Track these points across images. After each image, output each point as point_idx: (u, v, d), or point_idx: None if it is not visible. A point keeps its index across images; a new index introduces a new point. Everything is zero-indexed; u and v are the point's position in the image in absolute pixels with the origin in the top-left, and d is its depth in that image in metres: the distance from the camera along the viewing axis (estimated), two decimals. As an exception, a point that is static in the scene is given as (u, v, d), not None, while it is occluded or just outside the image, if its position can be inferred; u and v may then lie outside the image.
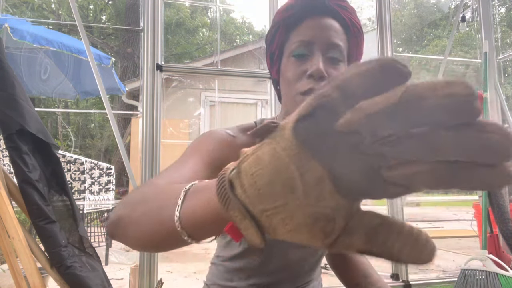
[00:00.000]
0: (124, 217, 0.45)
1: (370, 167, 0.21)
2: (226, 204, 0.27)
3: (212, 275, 0.78)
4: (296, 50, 0.65)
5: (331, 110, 0.21)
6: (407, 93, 0.19)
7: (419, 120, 0.19)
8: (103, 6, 12.64)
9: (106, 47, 10.28)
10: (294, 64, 0.65)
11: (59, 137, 8.48)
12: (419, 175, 0.20)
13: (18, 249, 1.07)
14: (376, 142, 0.20)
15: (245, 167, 0.25)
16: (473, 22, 7.20)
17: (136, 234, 0.42)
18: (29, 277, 1.06)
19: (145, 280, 1.89)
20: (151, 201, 0.43)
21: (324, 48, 0.64)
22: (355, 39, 0.68)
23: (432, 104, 0.18)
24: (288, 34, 0.68)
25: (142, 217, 0.41)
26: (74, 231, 1.23)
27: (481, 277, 1.76)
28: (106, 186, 3.44)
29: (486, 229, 1.99)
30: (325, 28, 0.64)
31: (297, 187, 0.23)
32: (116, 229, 0.47)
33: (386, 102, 0.19)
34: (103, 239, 3.44)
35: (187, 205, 0.34)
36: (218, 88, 6.69)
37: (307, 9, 0.66)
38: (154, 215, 0.39)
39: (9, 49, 3.48)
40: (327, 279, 2.61)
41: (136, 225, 0.42)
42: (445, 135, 0.19)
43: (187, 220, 0.33)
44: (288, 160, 0.23)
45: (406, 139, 0.19)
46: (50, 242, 1.11)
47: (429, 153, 0.19)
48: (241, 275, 0.72)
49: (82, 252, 1.22)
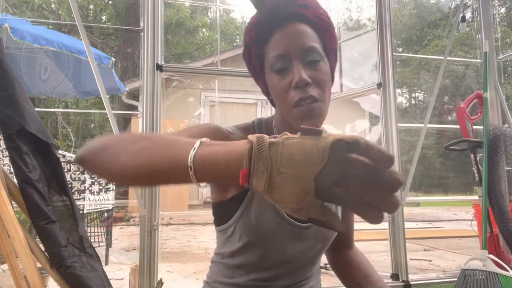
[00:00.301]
0: (115, 146, 0.51)
1: (332, 184, 0.38)
2: (258, 156, 0.39)
3: (212, 273, 0.78)
4: (275, 66, 0.66)
5: (349, 152, 0.37)
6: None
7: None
8: (103, 6, 12.63)
9: (106, 47, 10.27)
10: (277, 78, 0.67)
11: (59, 137, 8.48)
12: (347, 201, 0.38)
13: (18, 249, 1.07)
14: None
15: (289, 143, 0.39)
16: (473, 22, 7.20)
17: (128, 162, 0.48)
18: (29, 277, 1.06)
19: (145, 280, 1.89)
20: (155, 138, 0.49)
21: (300, 56, 0.65)
22: (326, 32, 0.69)
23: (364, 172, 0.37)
24: (263, 49, 0.69)
25: (143, 150, 0.48)
26: (74, 231, 1.23)
27: (481, 277, 1.76)
28: (106, 186, 3.44)
29: (486, 229, 1.99)
30: (295, 35, 0.65)
31: (315, 168, 0.37)
32: (98, 155, 0.52)
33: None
34: (103, 239, 3.44)
35: (203, 149, 0.43)
36: (218, 88, 6.69)
37: (272, 22, 0.66)
38: (159, 151, 0.46)
39: (9, 49, 3.48)
40: (327, 279, 2.61)
41: (132, 155, 0.48)
42: (366, 187, 0.37)
43: (201, 160, 0.42)
44: (321, 153, 0.38)
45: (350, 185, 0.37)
46: (50, 242, 1.11)
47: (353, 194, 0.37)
48: (241, 271, 0.72)
49: (82, 252, 1.22)
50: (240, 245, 0.70)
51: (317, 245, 0.74)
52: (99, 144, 0.53)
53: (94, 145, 0.54)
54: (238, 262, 0.72)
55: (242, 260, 0.72)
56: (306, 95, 0.64)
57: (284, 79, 0.66)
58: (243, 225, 0.69)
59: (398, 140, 2.30)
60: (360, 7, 14.25)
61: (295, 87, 0.64)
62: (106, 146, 0.52)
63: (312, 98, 0.64)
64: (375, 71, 2.62)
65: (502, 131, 2.13)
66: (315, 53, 0.66)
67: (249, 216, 0.68)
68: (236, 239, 0.71)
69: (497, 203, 2.05)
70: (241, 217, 0.69)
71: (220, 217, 0.75)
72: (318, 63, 0.66)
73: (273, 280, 0.72)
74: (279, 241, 0.70)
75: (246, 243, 0.69)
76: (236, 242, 0.71)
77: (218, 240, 0.78)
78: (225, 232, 0.73)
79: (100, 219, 3.63)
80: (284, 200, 0.39)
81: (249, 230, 0.68)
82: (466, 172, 10.42)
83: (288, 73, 0.65)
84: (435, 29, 15.69)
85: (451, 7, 14.58)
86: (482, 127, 2.19)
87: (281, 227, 0.68)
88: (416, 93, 18.08)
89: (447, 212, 8.42)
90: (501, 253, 2.03)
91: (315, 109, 0.64)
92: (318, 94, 0.65)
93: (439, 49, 13.11)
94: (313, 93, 0.64)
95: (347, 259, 0.90)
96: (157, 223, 1.93)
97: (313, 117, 0.64)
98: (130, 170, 0.48)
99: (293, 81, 0.64)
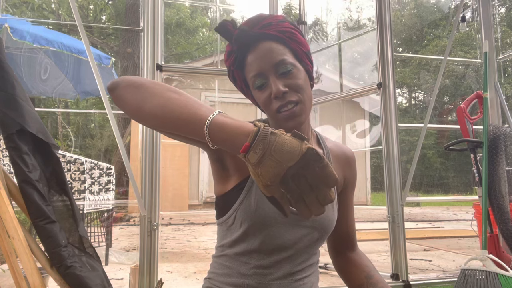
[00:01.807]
0: (149, 87, 0.63)
1: (291, 177, 0.55)
2: (261, 138, 0.54)
3: (214, 268, 0.82)
4: (255, 84, 0.76)
5: (319, 160, 0.53)
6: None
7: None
8: (103, 6, 12.63)
9: (106, 47, 10.28)
10: (259, 93, 0.77)
11: (59, 137, 8.47)
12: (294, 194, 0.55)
13: (18, 249, 1.07)
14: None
15: (283, 137, 0.54)
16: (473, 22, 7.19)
17: (159, 105, 0.61)
18: (29, 277, 1.06)
19: (145, 280, 1.89)
20: (183, 96, 0.62)
21: (274, 70, 0.74)
22: (293, 41, 0.77)
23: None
24: (243, 72, 0.79)
25: (174, 100, 0.61)
26: (74, 231, 1.23)
27: (481, 277, 1.76)
28: (106, 186, 3.44)
29: (486, 229, 1.99)
30: (264, 54, 0.74)
31: (291, 162, 0.53)
32: (132, 90, 0.64)
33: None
34: (103, 239, 3.44)
35: (219, 118, 0.58)
36: (218, 88, 6.69)
37: (242, 48, 0.76)
38: (187, 105, 0.60)
39: (9, 49, 3.48)
40: (327, 279, 2.61)
41: (164, 100, 0.61)
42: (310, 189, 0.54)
43: (215, 124, 0.57)
44: (298, 153, 0.53)
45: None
46: (50, 242, 1.11)
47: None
48: (242, 259, 0.76)
49: (82, 252, 1.22)
50: (241, 232, 0.75)
51: (313, 233, 0.78)
52: (134, 80, 0.65)
53: (129, 79, 0.65)
54: (239, 250, 0.76)
55: (243, 248, 0.76)
56: (285, 101, 0.73)
57: (264, 93, 0.75)
58: (243, 212, 0.75)
59: (398, 140, 2.30)
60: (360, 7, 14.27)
61: (274, 97, 0.74)
62: (141, 85, 0.63)
63: (292, 102, 0.73)
64: (375, 71, 2.62)
65: (502, 131, 2.13)
66: (285, 64, 0.74)
67: (249, 202, 0.74)
68: (237, 227, 0.76)
69: (497, 203, 2.05)
70: (242, 204, 0.75)
71: (222, 208, 0.80)
72: (290, 72, 0.74)
73: (273, 267, 0.75)
74: (277, 226, 0.75)
75: (246, 229, 0.74)
76: (237, 230, 0.76)
77: (219, 233, 0.82)
78: (227, 222, 0.78)
79: (100, 219, 3.63)
80: (263, 175, 0.53)
81: (249, 216, 0.74)
82: (466, 172, 10.41)
83: (267, 87, 0.75)
84: (435, 29, 15.69)
85: (451, 7, 14.59)
86: (482, 127, 2.19)
87: (280, 212, 0.72)
88: (416, 93, 18.08)
89: (447, 212, 8.42)
90: (501, 253, 2.03)
91: (296, 110, 0.73)
92: (297, 97, 0.74)
93: (439, 49, 13.11)
94: (292, 98, 0.73)
95: (350, 261, 0.92)
96: (157, 223, 1.93)
97: (295, 117, 0.74)
98: (160, 112, 0.60)
99: (272, 93, 0.73)
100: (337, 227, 0.87)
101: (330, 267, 2.70)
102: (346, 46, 2.71)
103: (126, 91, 0.64)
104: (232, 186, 0.78)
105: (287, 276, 0.76)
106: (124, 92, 0.64)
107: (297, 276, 0.77)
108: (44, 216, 1.11)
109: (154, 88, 0.63)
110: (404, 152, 11.55)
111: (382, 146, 2.33)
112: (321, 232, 0.79)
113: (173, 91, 0.62)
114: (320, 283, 1.26)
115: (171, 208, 6.73)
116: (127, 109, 0.65)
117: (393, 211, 2.25)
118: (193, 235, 4.99)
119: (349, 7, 15.03)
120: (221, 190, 0.80)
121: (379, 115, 2.38)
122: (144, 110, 0.62)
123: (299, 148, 0.53)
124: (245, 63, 0.77)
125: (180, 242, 4.40)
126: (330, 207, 0.81)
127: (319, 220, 0.78)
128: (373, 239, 4.43)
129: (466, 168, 9.66)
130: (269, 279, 0.75)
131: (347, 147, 0.94)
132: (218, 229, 0.83)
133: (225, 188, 0.79)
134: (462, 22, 2.65)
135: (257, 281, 0.75)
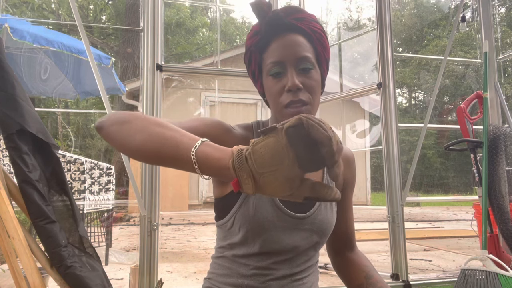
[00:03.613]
0: (133, 124, 0.60)
1: (310, 159, 0.45)
2: (239, 168, 0.47)
3: (214, 269, 0.82)
4: (271, 70, 0.74)
5: (303, 127, 0.44)
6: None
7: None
8: (103, 6, 12.62)
9: (106, 47, 10.28)
10: (272, 82, 0.74)
11: (59, 137, 8.48)
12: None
13: (18, 249, 1.07)
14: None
15: (256, 148, 0.47)
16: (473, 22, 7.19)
17: (142, 143, 0.57)
18: (29, 277, 1.06)
19: (145, 280, 1.89)
20: (167, 128, 0.58)
21: (294, 63, 0.73)
22: (320, 43, 0.76)
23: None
24: (261, 55, 0.77)
25: (157, 136, 0.57)
26: (74, 231, 1.23)
27: (481, 277, 1.76)
28: (106, 186, 3.44)
29: (486, 229, 1.99)
30: (290, 45, 0.73)
31: (284, 161, 0.45)
32: (116, 128, 0.62)
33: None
34: (103, 239, 3.44)
35: (202, 149, 0.52)
36: (218, 88, 6.69)
37: (271, 32, 0.74)
38: (171, 138, 0.55)
39: (9, 49, 3.48)
40: (327, 279, 2.61)
41: (146, 135, 0.57)
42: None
43: (200, 159, 0.52)
44: (282, 146, 0.45)
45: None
46: (50, 242, 1.11)
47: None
48: (242, 261, 0.76)
49: (82, 252, 1.21)
50: (240, 236, 0.75)
51: (313, 237, 0.78)
52: (118, 118, 0.63)
53: (114, 117, 0.64)
54: (239, 253, 0.76)
55: (243, 251, 0.76)
56: (297, 98, 0.71)
57: (278, 82, 0.73)
58: (242, 216, 0.74)
59: (398, 140, 2.30)
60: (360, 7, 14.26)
61: (287, 90, 0.72)
62: (125, 121, 0.62)
63: (302, 101, 0.72)
64: (375, 71, 2.63)
65: (502, 131, 2.13)
66: (308, 62, 0.73)
67: (248, 207, 0.74)
68: (235, 230, 0.76)
69: (497, 203, 2.05)
70: (240, 208, 0.75)
71: (220, 210, 0.80)
72: (309, 71, 0.73)
73: (272, 269, 0.76)
74: (276, 231, 0.74)
75: (245, 233, 0.74)
76: (236, 233, 0.76)
77: (219, 235, 0.83)
78: (226, 225, 0.78)
79: (100, 219, 3.63)
80: (275, 193, 0.47)
81: (248, 220, 0.73)
82: (466, 172, 10.41)
83: (283, 78, 0.73)
84: (435, 29, 15.69)
85: (451, 7, 14.59)
86: (482, 127, 2.19)
87: (278, 216, 0.74)
88: (416, 93, 18.09)
89: (447, 212, 8.42)
90: (501, 253, 2.03)
91: (304, 111, 0.72)
92: (308, 98, 0.72)
93: (439, 49, 13.11)
94: (303, 98, 0.72)
95: (349, 261, 0.92)
96: (157, 223, 1.93)
97: None
98: (143, 150, 0.58)
99: (287, 85, 0.72)
100: (336, 227, 0.87)
101: (330, 267, 2.70)
102: (346, 46, 2.72)
103: (111, 129, 0.63)
104: (231, 189, 0.77)
105: (286, 276, 0.76)
106: (109, 131, 0.63)
107: (297, 276, 0.77)
108: (44, 216, 1.11)
109: (137, 124, 0.60)
110: (404, 152, 11.56)
111: (382, 146, 2.33)
112: (320, 235, 0.79)
113: (156, 125, 0.58)
114: (320, 283, 1.26)
115: (171, 208, 6.73)
116: (114, 146, 0.64)
117: (393, 211, 2.25)
118: (193, 235, 4.99)
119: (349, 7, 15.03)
120: (220, 192, 0.80)
121: (379, 115, 2.38)
122: (128, 148, 0.60)
123: (277, 142, 0.45)
124: (267, 47, 0.75)
125: (180, 242, 4.40)
126: (329, 209, 0.81)
127: (318, 223, 0.78)
128: (373, 239, 4.43)
129: (466, 168, 9.67)
130: (268, 279, 0.75)
131: (347, 147, 0.94)
132: (217, 230, 0.83)
133: (223, 191, 0.79)
134: (462, 22, 2.65)
135: (256, 281, 0.75)
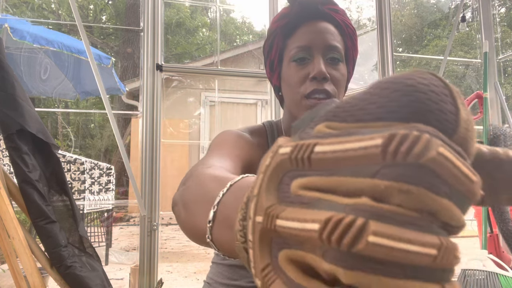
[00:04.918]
0: (190, 204, 0.44)
1: None
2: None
3: (213, 274, 0.80)
4: (296, 55, 0.67)
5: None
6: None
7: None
8: (103, 6, 12.63)
9: (106, 47, 10.28)
10: (295, 68, 0.67)
11: (59, 137, 8.48)
12: None
13: (18, 249, 1.07)
14: None
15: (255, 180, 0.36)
16: (473, 22, 7.20)
17: (187, 226, 0.42)
18: (29, 277, 1.06)
19: (145, 280, 1.89)
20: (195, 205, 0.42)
21: (323, 51, 0.66)
22: (350, 39, 0.71)
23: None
24: (286, 41, 0.70)
25: (190, 217, 0.42)
26: (74, 231, 1.23)
27: (481, 277, 1.76)
28: (106, 186, 3.44)
29: (486, 229, 1.99)
30: (321, 31, 0.66)
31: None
32: (179, 214, 0.47)
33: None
34: (103, 239, 3.44)
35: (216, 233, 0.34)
36: (218, 88, 6.69)
37: (302, 16, 0.68)
38: (193, 220, 0.40)
39: (9, 49, 3.48)
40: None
41: (188, 219, 0.42)
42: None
43: (216, 241, 0.34)
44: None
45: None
46: (50, 242, 1.11)
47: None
48: (241, 272, 0.74)
49: (82, 252, 1.22)
50: None
51: None
52: (179, 198, 0.48)
53: (176, 198, 0.49)
54: (238, 264, 0.73)
55: (241, 261, 0.72)
56: (321, 88, 0.64)
57: (302, 69, 0.66)
58: None
59: (398, 140, 2.30)
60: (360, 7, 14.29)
61: (312, 78, 0.65)
62: (184, 203, 0.46)
63: (326, 93, 0.64)
64: (375, 71, 2.62)
65: (502, 131, 2.13)
66: (337, 52, 0.67)
67: None
68: None
69: (497, 203, 2.05)
70: None
71: None
72: (338, 63, 0.67)
73: None
74: None
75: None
76: None
77: None
78: None
79: (100, 219, 3.63)
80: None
81: None
82: (466, 172, 10.37)
83: (308, 65, 0.66)
84: (435, 29, 15.69)
85: (451, 7, 14.59)
86: (482, 127, 2.19)
87: None
88: (416, 93, 18.07)
89: (447, 212, 8.41)
90: (501, 253, 2.03)
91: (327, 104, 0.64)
92: (333, 91, 0.65)
93: (439, 49, 13.12)
94: (328, 89, 0.65)
95: None
96: (157, 223, 1.93)
97: None
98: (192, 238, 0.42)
99: (312, 73, 0.65)
100: None
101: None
102: (346, 46, 2.69)
103: (179, 217, 0.46)
104: None
105: None
106: (178, 219, 0.47)
107: None
108: (44, 216, 1.12)
109: (193, 203, 0.42)
110: (404, 152, 11.47)
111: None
112: None
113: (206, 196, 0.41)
114: None
115: (171, 208, 6.72)
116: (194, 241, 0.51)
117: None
118: (193, 235, 4.99)
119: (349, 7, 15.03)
120: None
121: (379, 115, 2.37)
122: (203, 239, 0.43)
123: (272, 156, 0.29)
124: (294, 31, 0.68)
125: (180, 242, 4.40)
126: None
127: None
128: (373, 239, 4.43)
129: (466, 168, 9.60)
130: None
131: None
132: None
133: None
134: (462, 22, 2.65)
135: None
